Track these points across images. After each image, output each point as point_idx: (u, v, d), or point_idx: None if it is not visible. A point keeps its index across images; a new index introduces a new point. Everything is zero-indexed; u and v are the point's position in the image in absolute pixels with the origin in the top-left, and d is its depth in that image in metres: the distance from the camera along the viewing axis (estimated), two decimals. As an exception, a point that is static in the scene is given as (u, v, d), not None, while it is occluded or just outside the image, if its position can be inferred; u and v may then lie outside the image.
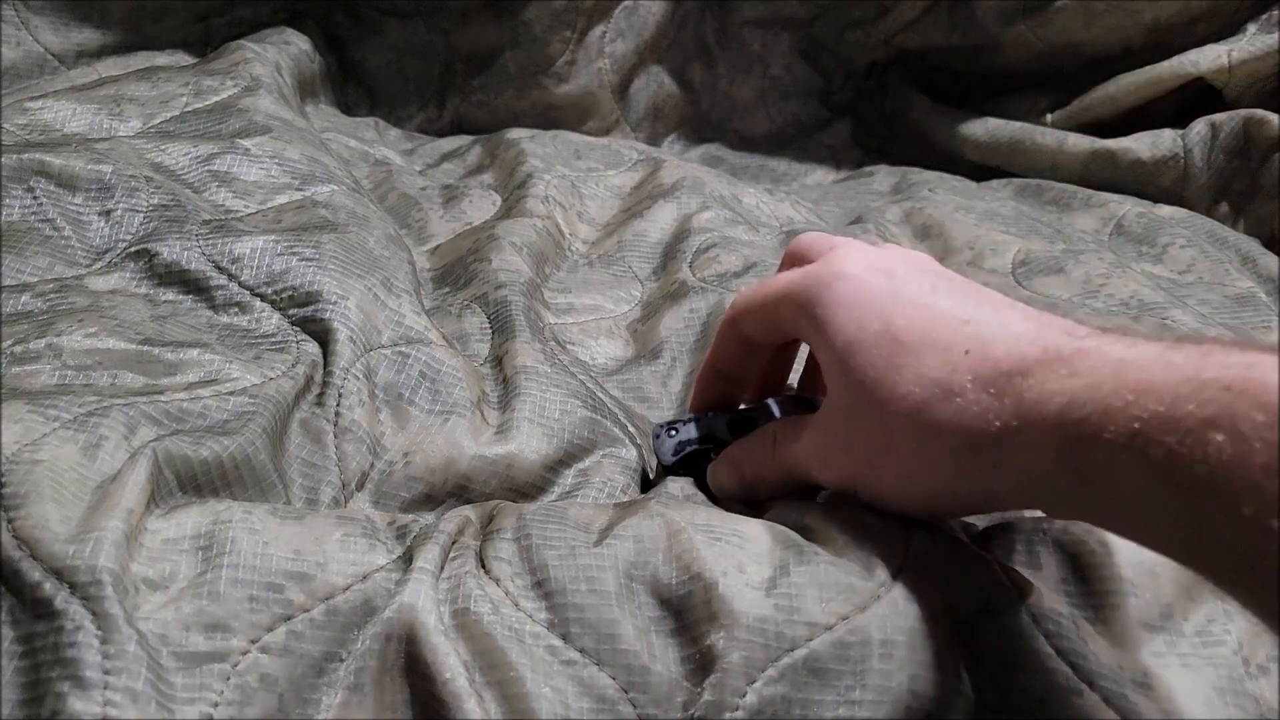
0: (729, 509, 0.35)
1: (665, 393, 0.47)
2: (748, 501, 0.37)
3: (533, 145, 0.65)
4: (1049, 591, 0.31)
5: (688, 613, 0.30)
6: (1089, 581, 0.32)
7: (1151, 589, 0.32)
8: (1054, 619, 0.30)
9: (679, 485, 0.38)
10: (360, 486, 0.38)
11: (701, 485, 0.39)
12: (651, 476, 0.42)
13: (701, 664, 0.29)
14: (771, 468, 0.35)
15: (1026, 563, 0.32)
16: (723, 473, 0.38)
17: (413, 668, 0.29)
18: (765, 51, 0.81)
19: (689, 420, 0.39)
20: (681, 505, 0.33)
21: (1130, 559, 0.32)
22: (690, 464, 0.39)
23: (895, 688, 0.28)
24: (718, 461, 0.38)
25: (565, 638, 0.29)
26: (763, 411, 0.39)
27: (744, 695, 0.29)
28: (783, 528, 0.32)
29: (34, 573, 0.27)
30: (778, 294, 0.35)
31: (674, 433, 0.38)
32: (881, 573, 0.30)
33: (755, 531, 0.31)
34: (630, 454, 0.41)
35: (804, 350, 0.42)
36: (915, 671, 0.29)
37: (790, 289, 0.34)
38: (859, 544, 0.31)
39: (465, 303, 0.49)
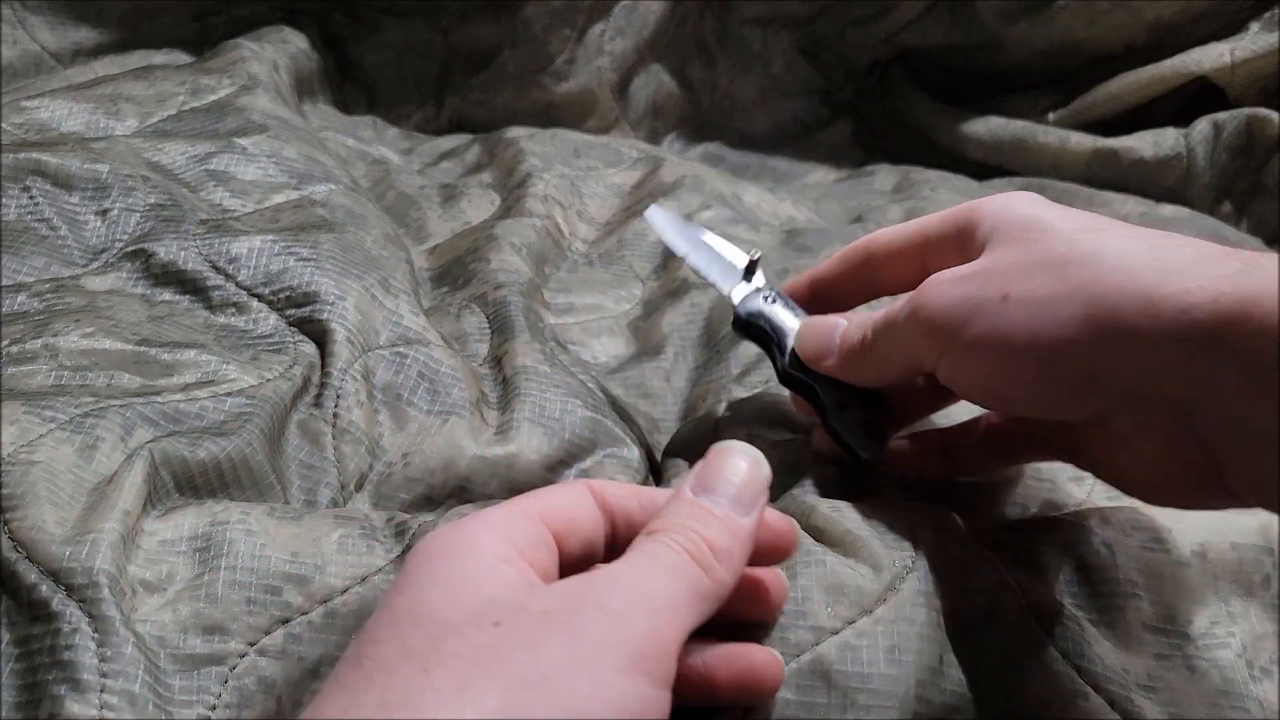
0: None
1: (669, 388, 0.47)
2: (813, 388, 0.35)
3: (532, 144, 0.65)
4: (1053, 594, 0.31)
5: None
6: (1093, 584, 0.32)
7: (1155, 591, 0.31)
8: (1059, 621, 0.30)
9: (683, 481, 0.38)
10: (359, 488, 0.38)
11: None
12: (658, 458, 0.41)
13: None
14: (894, 328, 0.31)
15: (1030, 565, 0.32)
16: (816, 333, 0.34)
17: None
18: (765, 50, 0.81)
19: (782, 302, 0.37)
20: None
21: (1134, 561, 0.32)
22: (751, 334, 0.38)
23: (903, 692, 0.28)
24: (815, 321, 0.35)
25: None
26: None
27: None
28: None
29: (30, 574, 0.27)
30: (937, 214, 0.32)
31: (769, 298, 0.37)
32: (888, 575, 0.30)
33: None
34: (632, 453, 0.41)
35: None
36: (922, 676, 0.29)
37: (954, 209, 0.32)
38: (866, 546, 0.31)
39: (464, 303, 0.49)
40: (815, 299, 0.37)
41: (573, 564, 0.26)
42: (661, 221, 0.41)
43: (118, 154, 0.48)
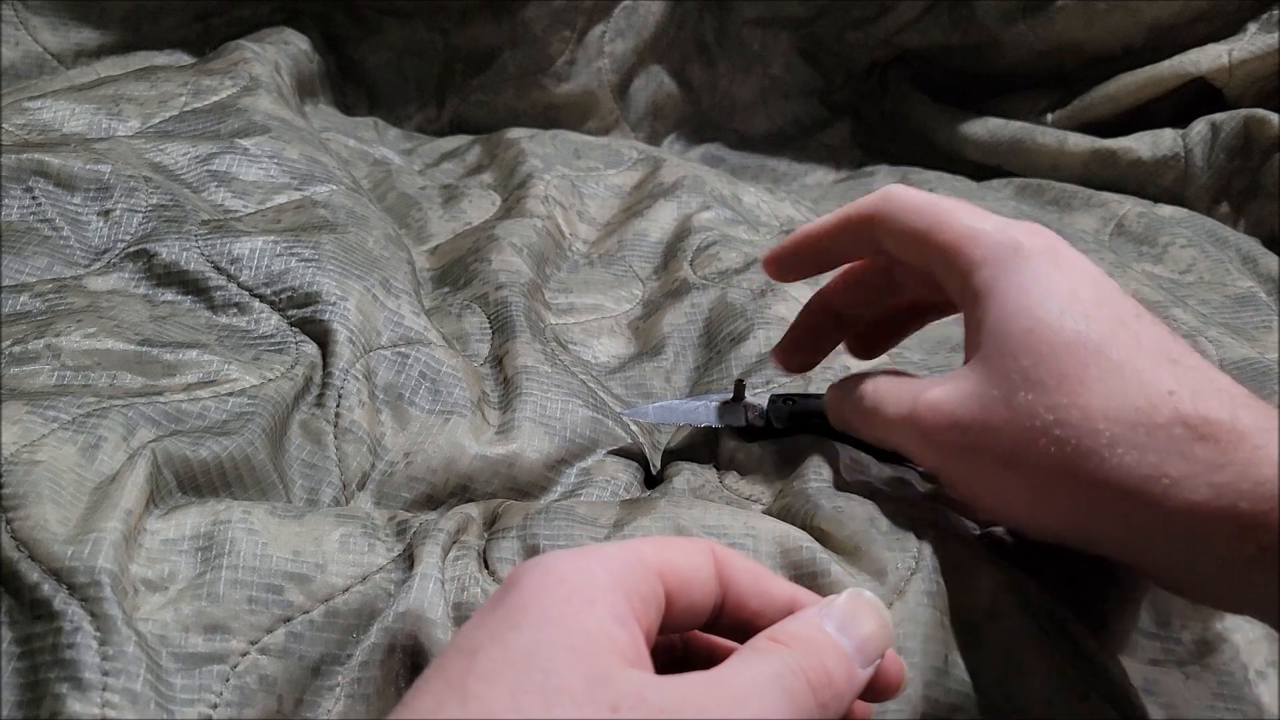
0: (736, 504, 0.35)
1: (669, 387, 0.47)
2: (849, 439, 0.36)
3: (532, 145, 0.65)
4: (1053, 595, 0.31)
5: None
6: (1092, 588, 0.32)
7: (1152, 594, 0.32)
8: (1059, 622, 0.30)
9: (684, 479, 0.38)
10: (361, 487, 0.38)
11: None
12: (654, 471, 0.41)
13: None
14: (895, 431, 0.32)
15: (1031, 565, 0.32)
16: (842, 397, 0.35)
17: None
18: (765, 51, 0.81)
19: (808, 397, 0.40)
20: (691, 504, 0.33)
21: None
22: (797, 428, 0.40)
23: (910, 694, 0.28)
24: (845, 383, 0.35)
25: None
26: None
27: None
28: (795, 530, 0.32)
29: (32, 574, 0.27)
30: (956, 224, 0.30)
31: (792, 403, 0.40)
32: (894, 578, 0.30)
33: (766, 535, 0.31)
34: (632, 453, 0.41)
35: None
36: (929, 677, 0.29)
37: (973, 226, 0.30)
38: (871, 548, 0.31)
39: (465, 303, 0.49)
40: (806, 252, 0.35)
41: (673, 624, 0.26)
42: (644, 413, 0.42)
43: (120, 155, 0.48)
